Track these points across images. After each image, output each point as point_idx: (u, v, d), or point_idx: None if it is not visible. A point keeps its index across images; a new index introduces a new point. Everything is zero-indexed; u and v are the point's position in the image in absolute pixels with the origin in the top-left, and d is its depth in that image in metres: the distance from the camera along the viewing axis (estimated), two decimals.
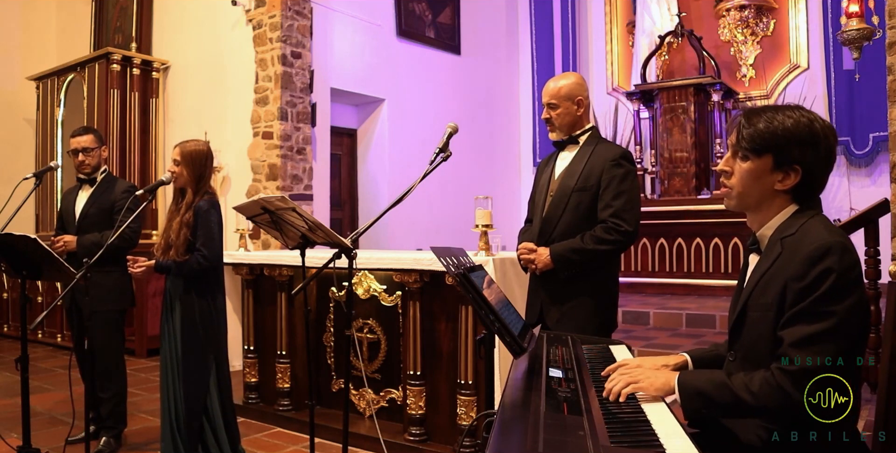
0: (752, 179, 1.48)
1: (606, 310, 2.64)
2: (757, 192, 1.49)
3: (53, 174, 6.55)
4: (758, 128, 1.46)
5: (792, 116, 1.45)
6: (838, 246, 1.35)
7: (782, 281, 1.39)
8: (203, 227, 2.89)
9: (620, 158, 2.56)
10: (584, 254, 2.49)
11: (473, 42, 8.46)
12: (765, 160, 1.46)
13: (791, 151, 1.43)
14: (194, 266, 2.85)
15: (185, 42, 6.52)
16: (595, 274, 2.57)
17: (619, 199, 2.51)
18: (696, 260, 6.84)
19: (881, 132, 6.60)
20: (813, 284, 1.33)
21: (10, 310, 6.84)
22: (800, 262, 1.36)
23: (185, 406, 2.88)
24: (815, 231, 1.41)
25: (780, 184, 1.46)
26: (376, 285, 3.47)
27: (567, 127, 2.65)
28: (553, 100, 2.62)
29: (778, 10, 7.70)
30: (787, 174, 1.45)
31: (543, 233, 2.63)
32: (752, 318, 1.46)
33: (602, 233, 2.49)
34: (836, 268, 1.33)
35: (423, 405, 3.27)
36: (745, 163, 1.48)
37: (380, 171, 7.47)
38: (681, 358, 1.69)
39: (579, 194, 2.56)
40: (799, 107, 1.50)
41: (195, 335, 2.90)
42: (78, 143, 3.46)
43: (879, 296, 3.41)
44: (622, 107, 8.31)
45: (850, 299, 1.33)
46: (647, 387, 1.42)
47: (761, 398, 1.33)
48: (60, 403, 4.13)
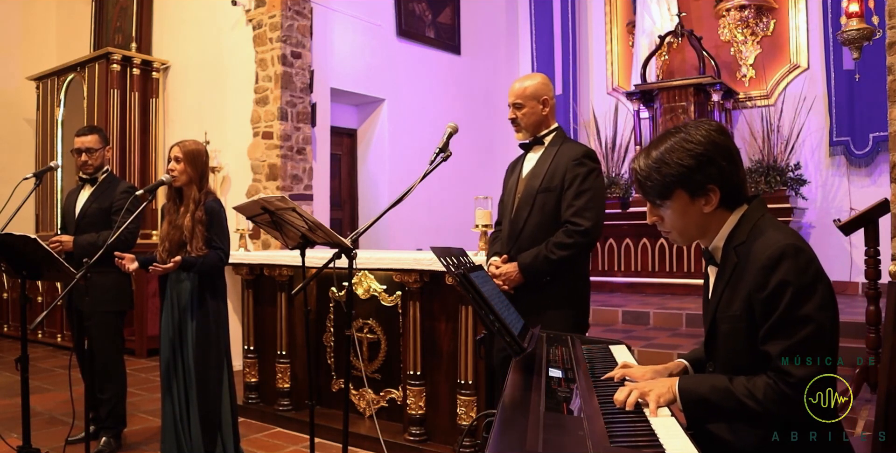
0: (681, 218, 1.50)
1: (579, 314, 2.60)
2: (693, 224, 1.50)
3: (53, 174, 6.55)
4: (651, 175, 1.47)
5: (673, 148, 1.45)
6: (790, 249, 1.35)
7: (744, 292, 1.40)
8: (217, 226, 2.94)
9: (583, 157, 2.54)
10: (549, 263, 2.46)
11: (473, 42, 8.46)
12: (679, 196, 1.47)
13: (694, 178, 1.45)
14: (217, 262, 2.91)
15: (185, 42, 6.52)
16: (565, 278, 2.54)
17: (581, 198, 2.49)
18: (696, 260, 6.83)
19: (881, 132, 6.59)
20: (775, 293, 1.34)
21: (10, 310, 6.84)
22: (757, 272, 1.37)
23: (201, 406, 2.88)
24: (765, 237, 1.41)
25: (707, 207, 1.47)
26: (376, 285, 3.47)
27: (532, 127, 2.64)
28: (518, 99, 2.62)
29: (778, 10, 7.69)
30: (707, 196, 1.46)
31: (511, 235, 2.63)
32: (724, 331, 1.48)
33: (563, 237, 2.47)
34: (793, 271, 1.33)
35: (423, 405, 3.27)
36: (666, 209, 1.50)
37: (380, 171, 7.47)
38: (680, 365, 1.69)
39: (544, 195, 2.55)
40: (675, 130, 1.50)
41: (209, 333, 2.91)
42: (82, 143, 3.46)
43: (879, 296, 3.41)
44: (622, 107, 8.31)
45: (817, 297, 1.33)
46: (653, 397, 1.40)
47: (767, 404, 1.33)
48: (60, 403, 4.13)
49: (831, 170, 7.18)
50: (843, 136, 7.03)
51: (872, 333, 3.37)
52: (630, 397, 1.40)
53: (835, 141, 7.10)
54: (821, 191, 7.20)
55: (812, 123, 7.19)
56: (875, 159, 6.88)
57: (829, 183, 7.19)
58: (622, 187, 7.63)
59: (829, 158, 7.18)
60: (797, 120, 7.10)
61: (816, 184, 7.22)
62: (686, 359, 1.72)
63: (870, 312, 3.41)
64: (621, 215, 7.36)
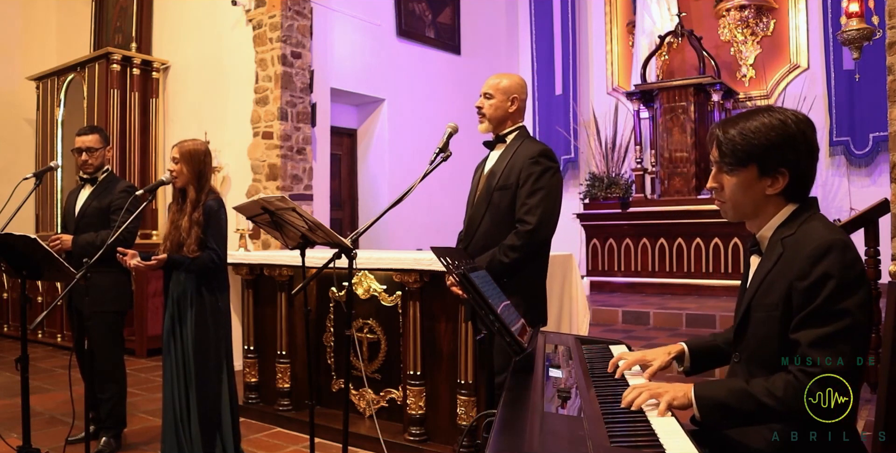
0: (742, 191, 1.50)
1: (535, 307, 2.57)
2: (750, 202, 1.51)
3: (53, 174, 6.54)
4: (735, 141, 1.48)
5: (764, 121, 1.47)
6: (839, 243, 1.36)
7: (786, 281, 1.40)
8: (214, 226, 2.91)
9: (538, 156, 2.52)
10: (503, 266, 2.44)
11: (473, 42, 8.46)
12: (750, 170, 1.47)
13: (773, 156, 1.45)
14: (208, 263, 2.88)
15: (185, 42, 6.52)
16: (522, 274, 2.51)
17: (534, 197, 2.47)
18: (696, 260, 6.84)
19: (881, 132, 6.59)
20: (818, 283, 1.34)
21: (10, 310, 6.83)
22: (802, 261, 1.37)
23: (200, 405, 2.88)
24: (814, 230, 1.42)
25: (770, 189, 1.48)
26: (376, 285, 3.47)
27: (496, 121, 2.64)
28: (490, 90, 2.63)
29: (778, 10, 7.70)
30: (775, 178, 1.47)
31: (468, 232, 2.64)
32: (757, 319, 1.47)
33: (513, 239, 2.45)
34: (838, 265, 1.34)
35: (423, 405, 3.27)
36: (732, 177, 1.50)
37: (380, 171, 7.47)
38: (679, 347, 1.71)
39: (500, 193, 2.54)
40: (769, 108, 1.52)
41: (207, 333, 2.91)
42: (83, 143, 3.46)
43: (879, 296, 3.41)
44: (622, 107, 8.31)
45: (859, 295, 1.34)
46: (670, 401, 1.38)
47: (788, 402, 1.32)
48: (60, 403, 4.13)
49: (831, 170, 7.18)
50: (843, 136, 7.04)
51: (872, 333, 3.37)
52: (640, 398, 1.39)
53: (835, 141, 7.10)
54: (821, 191, 7.20)
55: None
56: (875, 159, 6.89)
57: (829, 183, 7.19)
58: (622, 187, 7.63)
59: (829, 158, 7.18)
60: None
61: (816, 183, 7.09)
62: (688, 345, 1.73)
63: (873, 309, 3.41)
64: (621, 215, 7.36)
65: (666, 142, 7.26)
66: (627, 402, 1.40)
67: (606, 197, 7.60)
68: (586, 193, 7.85)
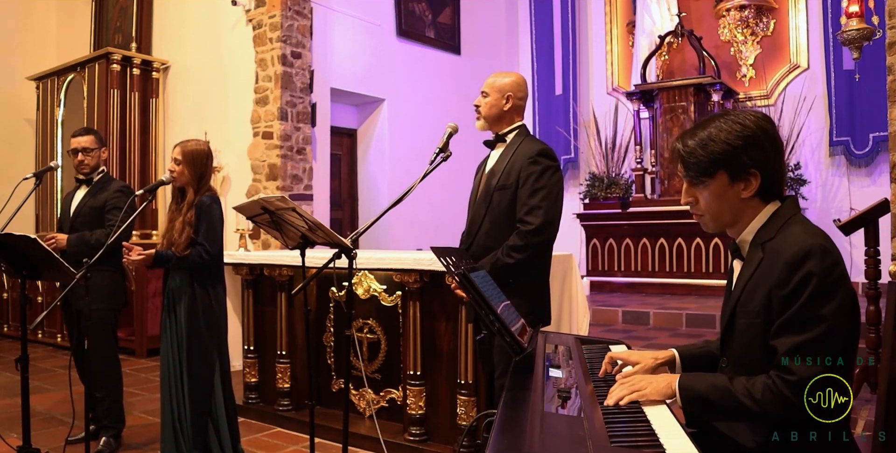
0: (717, 200, 1.49)
1: (539, 308, 2.56)
2: (728, 209, 1.50)
3: (53, 174, 6.55)
4: (696, 152, 1.47)
5: (721, 126, 1.47)
6: (817, 249, 1.35)
7: (766, 287, 1.40)
8: (205, 222, 2.91)
9: (538, 155, 2.51)
10: (507, 267, 2.43)
11: (473, 42, 8.46)
12: (719, 178, 1.47)
13: (739, 160, 1.44)
14: (196, 259, 2.87)
15: (185, 42, 6.52)
16: (526, 274, 2.51)
17: (535, 197, 2.46)
18: (697, 260, 6.84)
19: (881, 132, 6.60)
20: (796, 290, 1.34)
21: (10, 310, 6.83)
22: (781, 269, 1.37)
23: (191, 404, 2.87)
24: (793, 235, 1.41)
25: (745, 193, 1.47)
26: (376, 285, 3.47)
27: (492, 119, 2.63)
28: (487, 88, 2.63)
29: (778, 10, 7.70)
30: (747, 181, 1.46)
31: (470, 233, 2.64)
32: (741, 326, 1.48)
33: (516, 239, 2.44)
34: (816, 271, 1.33)
35: (423, 405, 3.27)
36: (704, 189, 1.50)
37: (380, 171, 7.47)
38: (668, 354, 1.70)
39: (500, 192, 2.54)
40: (724, 112, 1.53)
41: (198, 328, 2.90)
42: (78, 143, 3.48)
43: (879, 296, 3.41)
44: (622, 107, 8.31)
45: (836, 301, 1.33)
46: (651, 393, 1.42)
47: (764, 404, 1.34)
48: (60, 403, 4.13)
49: (831, 170, 7.18)
50: (843, 136, 7.03)
51: (872, 333, 3.38)
52: (620, 394, 1.42)
53: (835, 141, 7.10)
54: (821, 191, 7.20)
55: (812, 123, 7.20)
56: (875, 159, 6.89)
57: (829, 183, 7.19)
58: (622, 187, 7.64)
59: (829, 158, 7.18)
60: (797, 120, 7.10)
61: (816, 184, 7.22)
62: (679, 352, 1.73)
63: (870, 312, 3.41)
64: (621, 215, 7.36)
65: (666, 142, 7.26)
66: (611, 401, 1.42)
67: (606, 197, 7.61)
68: (586, 193, 7.86)
